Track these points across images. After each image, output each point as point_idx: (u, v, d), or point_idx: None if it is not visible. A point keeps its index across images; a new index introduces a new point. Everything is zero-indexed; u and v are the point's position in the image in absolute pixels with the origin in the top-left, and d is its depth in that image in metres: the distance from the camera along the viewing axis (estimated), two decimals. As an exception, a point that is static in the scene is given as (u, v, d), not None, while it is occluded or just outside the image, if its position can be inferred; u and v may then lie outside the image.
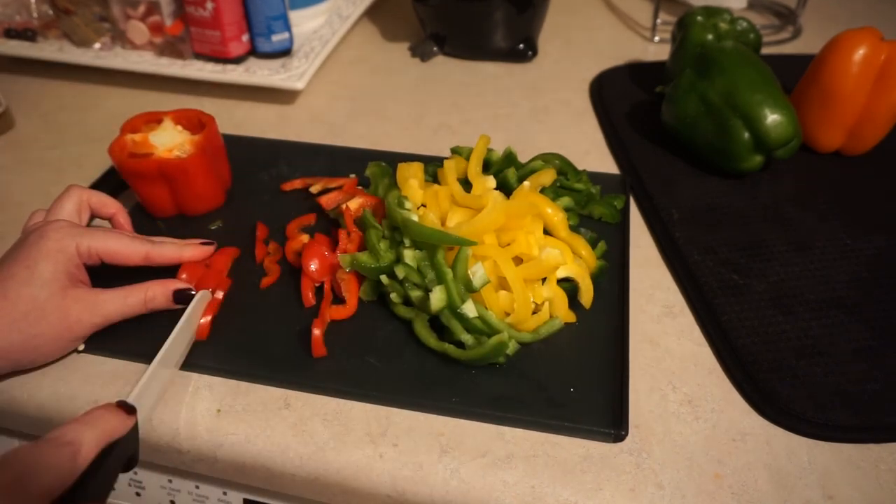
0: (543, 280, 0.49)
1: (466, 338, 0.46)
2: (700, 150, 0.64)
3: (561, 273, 0.50)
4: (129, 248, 0.48)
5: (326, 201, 0.57)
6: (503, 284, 0.48)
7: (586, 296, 0.50)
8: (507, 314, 0.47)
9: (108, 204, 0.52)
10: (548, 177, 0.56)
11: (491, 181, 0.55)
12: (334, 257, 0.51)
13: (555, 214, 0.52)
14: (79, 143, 0.70)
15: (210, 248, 0.52)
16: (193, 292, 0.48)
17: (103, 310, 0.46)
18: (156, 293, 0.47)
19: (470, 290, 0.46)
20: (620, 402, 0.44)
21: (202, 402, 0.45)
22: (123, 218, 0.53)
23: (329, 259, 0.51)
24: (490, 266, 0.48)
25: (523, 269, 0.48)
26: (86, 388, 0.46)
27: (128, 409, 0.38)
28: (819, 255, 0.54)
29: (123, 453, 0.37)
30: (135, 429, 0.38)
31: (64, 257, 0.45)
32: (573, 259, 0.51)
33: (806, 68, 0.65)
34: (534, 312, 0.48)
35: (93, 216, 0.52)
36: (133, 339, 0.48)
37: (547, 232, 0.53)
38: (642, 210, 0.61)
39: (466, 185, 0.56)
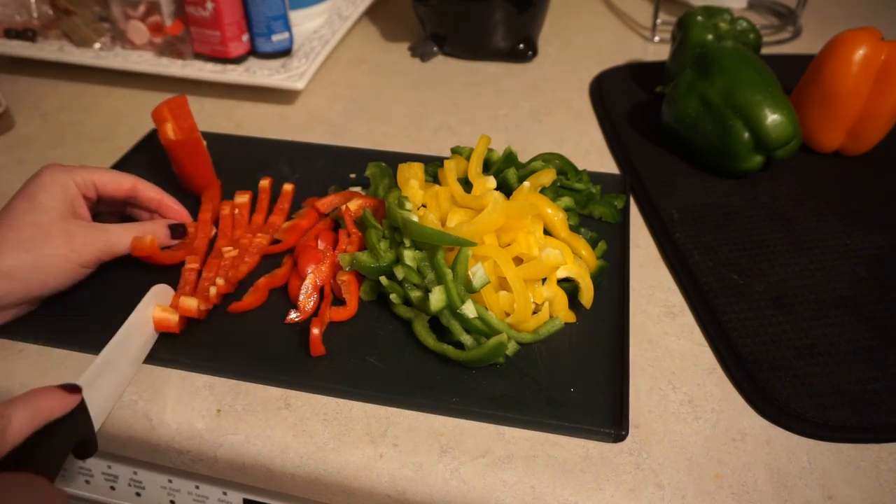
0: (543, 280, 0.49)
1: (466, 338, 0.46)
2: (700, 150, 0.64)
3: (561, 273, 0.50)
4: (118, 176, 0.52)
5: (322, 204, 0.57)
6: (503, 285, 0.48)
7: (587, 296, 0.50)
8: (507, 314, 0.47)
9: (120, 180, 0.52)
10: (548, 177, 0.56)
11: (491, 181, 0.55)
12: (334, 257, 0.51)
13: (555, 215, 0.52)
14: (79, 143, 0.70)
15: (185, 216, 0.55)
16: (183, 230, 0.53)
17: (106, 237, 0.48)
18: (154, 228, 0.52)
19: (470, 290, 0.46)
20: (620, 402, 0.44)
21: (202, 402, 0.45)
22: (155, 194, 0.54)
23: (328, 259, 0.51)
24: (490, 266, 0.48)
25: (523, 269, 0.48)
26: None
27: (70, 388, 0.37)
28: (819, 255, 0.54)
29: (70, 434, 0.36)
30: (84, 412, 0.37)
31: (61, 189, 0.48)
32: (573, 259, 0.51)
33: (806, 68, 0.65)
34: (534, 312, 0.48)
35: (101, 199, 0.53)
36: (133, 339, 0.48)
37: (547, 232, 0.53)
38: (642, 210, 0.61)
39: (467, 185, 0.56)
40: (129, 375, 0.45)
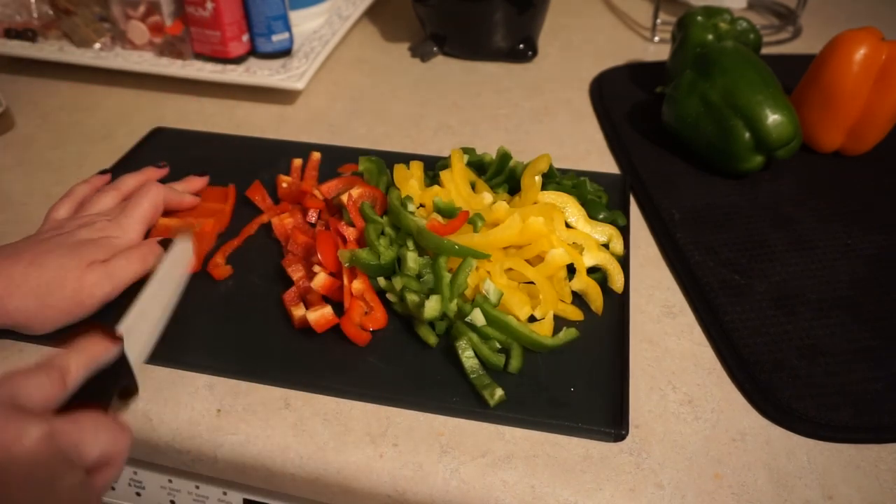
0: (571, 277, 0.50)
1: (476, 342, 0.46)
2: (701, 150, 0.64)
3: (588, 262, 0.50)
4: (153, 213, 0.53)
5: (327, 188, 0.57)
6: (523, 288, 0.49)
7: (617, 280, 0.50)
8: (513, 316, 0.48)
9: (184, 202, 0.56)
10: (544, 162, 0.56)
11: (488, 197, 0.55)
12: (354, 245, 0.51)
13: (572, 214, 0.53)
14: (79, 143, 0.70)
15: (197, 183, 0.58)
16: (171, 240, 0.50)
17: (113, 276, 0.48)
18: (150, 252, 0.51)
19: (489, 306, 0.46)
20: (620, 401, 0.44)
21: (202, 402, 0.45)
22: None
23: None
24: (498, 270, 0.48)
25: (540, 269, 0.49)
26: (86, 388, 0.46)
27: (112, 336, 0.39)
28: (820, 255, 0.54)
29: (113, 378, 0.38)
30: (124, 358, 0.39)
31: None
32: (597, 247, 0.51)
33: (806, 68, 0.65)
34: (542, 319, 0.48)
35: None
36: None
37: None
38: (643, 210, 0.61)
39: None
40: (161, 323, 0.45)
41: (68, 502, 0.29)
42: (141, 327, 0.43)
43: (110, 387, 0.38)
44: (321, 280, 0.48)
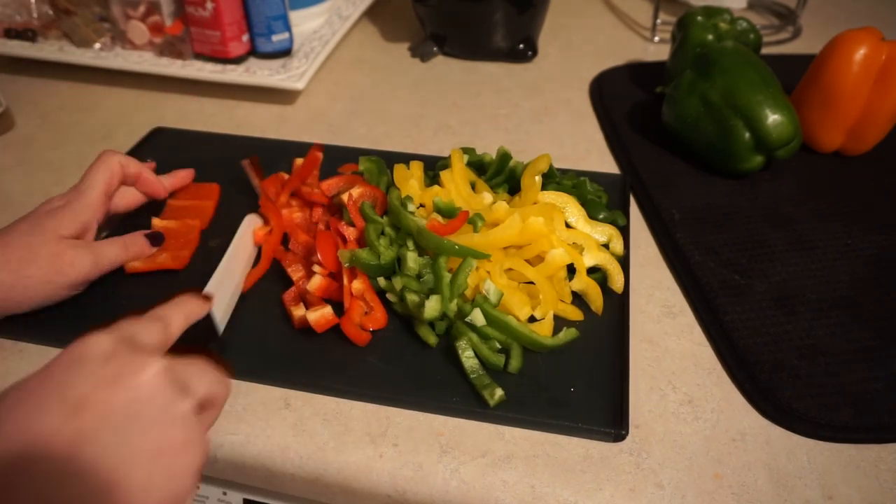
0: (571, 276, 0.50)
1: (477, 342, 0.46)
2: (701, 150, 0.64)
3: (588, 262, 0.50)
4: (114, 179, 0.53)
5: (327, 187, 0.57)
6: (524, 288, 0.49)
7: (617, 280, 0.50)
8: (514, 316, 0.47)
9: (154, 185, 0.57)
10: (544, 163, 0.56)
11: (488, 197, 0.55)
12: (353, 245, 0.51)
13: (572, 214, 0.53)
14: (79, 143, 0.70)
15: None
16: (161, 238, 0.54)
17: (93, 254, 0.49)
18: (132, 241, 0.53)
19: (490, 307, 0.46)
20: (620, 401, 0.44)
21: (202, 402, 0.45)
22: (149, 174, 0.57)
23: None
24: (498, 271, 0.48)
25: (540, 269, 0.49)
26: (86, 388, 0.46)
27: (206, 297, 0.44)
28: (820, 255, 0.54)
29: (204, 335, 0.45)
30: (210, 317, 0.44)
31: (80, 222, 0.50)
32: (597, 247, 0.51)
33: (806, 68, 0.65)
34: (542, 319, 0.48)
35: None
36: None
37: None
38: (643, 210, 0.61)
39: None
40: (237, 289, 0.51)
41: (182, 428, 0.33)
42: (222, 290, 0.49)
43: (202, 340, 0.43)
44: (317, 282, 0.48)
